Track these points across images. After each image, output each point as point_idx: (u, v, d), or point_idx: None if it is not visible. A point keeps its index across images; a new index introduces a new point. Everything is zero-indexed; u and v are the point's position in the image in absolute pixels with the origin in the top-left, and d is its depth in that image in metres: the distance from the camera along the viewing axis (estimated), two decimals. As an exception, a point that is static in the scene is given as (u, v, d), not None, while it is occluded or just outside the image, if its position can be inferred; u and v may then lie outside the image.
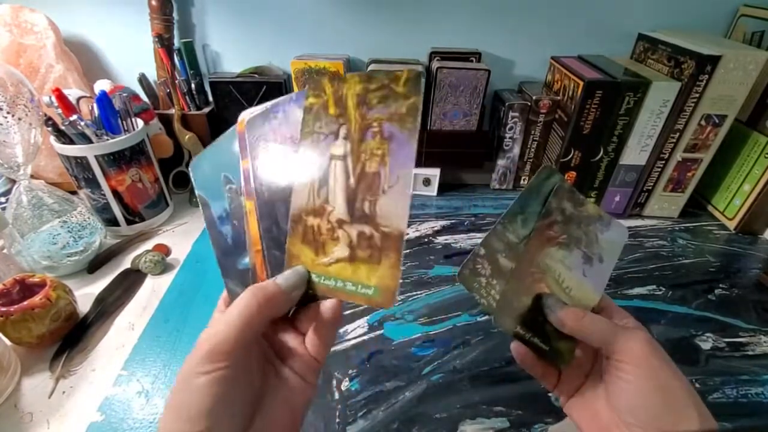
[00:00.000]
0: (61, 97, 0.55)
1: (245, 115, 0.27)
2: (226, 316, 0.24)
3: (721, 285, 0.56)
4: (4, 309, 0.41)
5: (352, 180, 0.25)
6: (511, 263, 0.31)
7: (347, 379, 0.43)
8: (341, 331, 0.48)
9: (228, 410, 0.24)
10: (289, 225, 0.26)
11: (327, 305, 0.26)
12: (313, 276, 0.26)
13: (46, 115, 0.54)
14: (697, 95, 0.58)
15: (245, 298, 0.24)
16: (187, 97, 0.72)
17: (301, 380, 0.26)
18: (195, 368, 0.23)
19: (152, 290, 0.54)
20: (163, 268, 0.56)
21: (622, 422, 0.26)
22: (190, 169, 0.29)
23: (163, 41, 0.68)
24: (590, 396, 0.30)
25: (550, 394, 0.40)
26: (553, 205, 0.31)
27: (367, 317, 0.50)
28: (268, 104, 0.27)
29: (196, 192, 0.29)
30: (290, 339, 0.27)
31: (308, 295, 0.26)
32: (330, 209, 0.25)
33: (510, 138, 0.73)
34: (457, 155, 0.74)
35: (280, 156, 0.26)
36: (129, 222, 0.63)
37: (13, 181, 0.54)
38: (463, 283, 0.31)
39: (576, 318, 0.29)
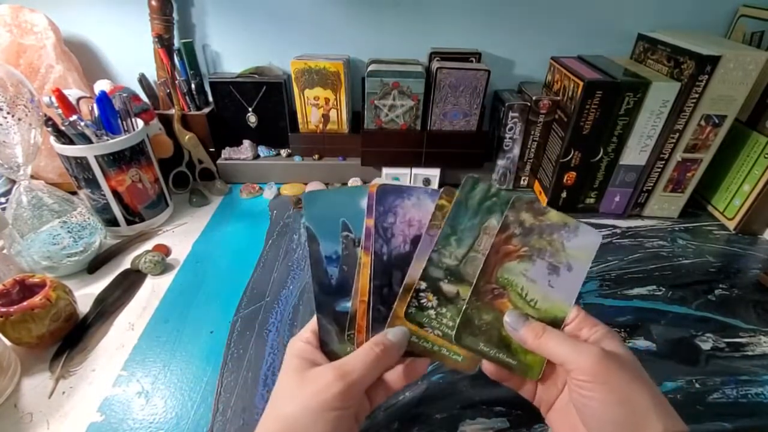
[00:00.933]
0: (61, 98, 0.55)
1: (378, 182, 0.32)
2: (356, 361, 0.28)
3: (721, 285, 0.56)
4: (4, 309, 0.41)
5: None
6: (456, 287, 0.31)
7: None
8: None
9: None
10: (401, 291, 0.31)
11: (422, 361, 0.31)
12: (413, 337, 0.31)
13: (46, 115, 0.54)
14: (697, 95, 0.58)
15: (370, 348, 0.28)
16: (187, 98, 0.72)
17: (355, 423, 0.29)
18: (330, 403, 0.26)
19: (152, 290, 0.54)
20: (163, 268, 0.56)
21: None
22: (304, 199, 0.32)
23: (163, 41, 0.68)
24: (566, 408, 0.30)
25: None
26: (510, 218, 0.31)
27: (367, 317, 0.50)
28: (403, 185, 0.33)
29: (306, 223, 0.32)
30: None
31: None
32: None
33: (510, 138, 0.73)
34: (457, 155, 0.74)
35: (407, 232, 0.32)
36: (129, 222, 0.63)
37: (13, 182, 0.54)
38: (411, 322, 0.31)
39: (535, 335, 0.29)
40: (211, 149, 0.75)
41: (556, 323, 0.31)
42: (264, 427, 0.27)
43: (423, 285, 0.31)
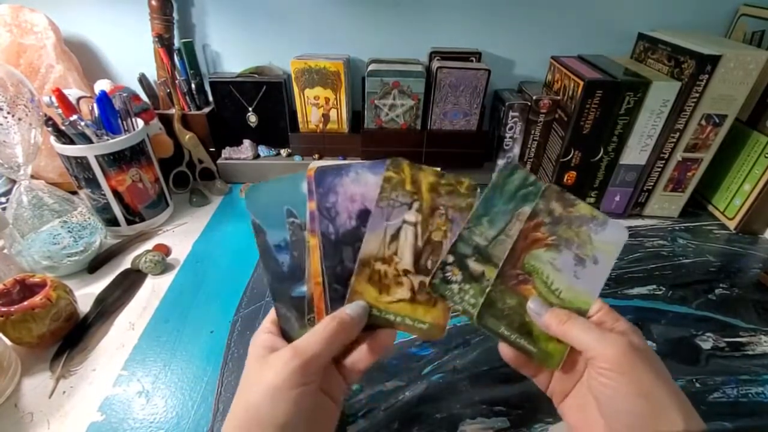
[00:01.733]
0: (61, 97, 0.55)
1: (315, 165, 0.32)
2: (311, 338, 0.28)
3: (721, 285, 0.56)
4: (4, 309, 0.42)
5: (419, 242, 0.32)
6: (483, 266, 0.32)
7: (347, 379, 0.43)
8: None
9: (300, 425, 0.26)
10: (356, 266, 0.31)
11: (388, 332, 0.31)
12: (374, 311, 0.31)
13: (46, 115, 0.54)
14: (698, 95, 0.58)
15: (326, 323, 0.28)
16: (187, 97, 0.72)
17: (329, 400, 0.29)
18: (289, 381, 0.26)
19: (152, 290, 0.54)
20: (163, 268, 0.56)
21: (609, 427, 0.26)
22: (245, 195, 0.32)
23: (163, 41, 0.68)
24: (582, 399, 0.29)
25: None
26: (540, 206, 0.31)
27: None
28: (339, 163, 0.33)
29: (252, 218, 0.32)
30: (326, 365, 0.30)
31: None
32: (398, 260, 0.32)
33: (510, 138, 0.73)
34: (457, 155, 0.74)
35: (351, 208, 0.32)
36: (129, 222, 0.63)
37: (14, 182, 0.54)
38: (435, 292, 0.31)
39: (559, 321, 0.29)
40: (211, 149, 0.75)
41: (580, 314, 0.31)
42: (231, 414, 0.27)
43: (450, 258, 0.31)
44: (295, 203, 0.32)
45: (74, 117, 0.55)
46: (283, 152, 0.78)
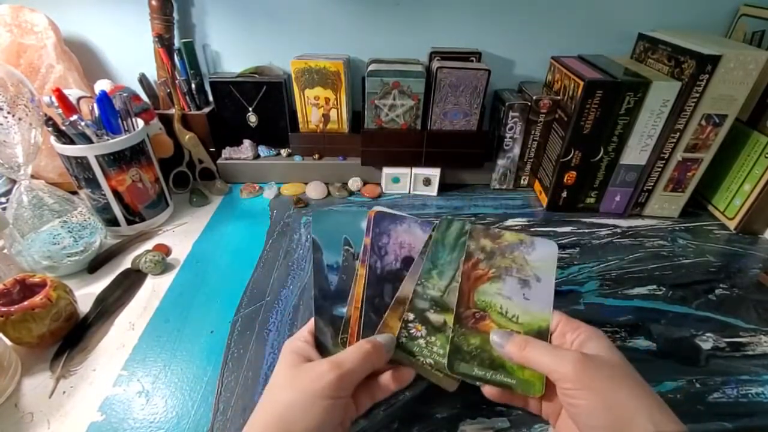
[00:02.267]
0: (62, 97, 0.55)
1: (377, 208, 0.38)
2: (349, 355, 0.29)
3: (721, 285, 0.56)
4: (4, 309, 0.42)
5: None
6: (443, 316, 0.34)
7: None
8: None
9: None
10: (392, 302, 0.35)
11: (407, 371, 0.33)
12: (399, 351, 0.33)
13: (46, 115, 0.54)
14: (698, 95, 0.58)
15: (363, 345, 0.31)
16: (187, 97, 0.72)
17: (341, 427, 0.30)
18: (324, 391, 0.27)
19: (152, 290, 0.54)
20: (164, 268, 0.56)
21: None
22: (312, 216, 0.37)
23: (163, 41, 0.68)
24: (566, 419, 0.30)
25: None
26: (471, 247, 0.34)
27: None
28: (397, 213, 0.38)
29: (312, 235, 0.37)
30: None
31: None
32: None
33: (510, 138, 0.73)
34: (457, 155, 0.74)
35: (399, 252, 0.37)
36: (129, 222, 0.63)
37: (14, 181, 0.54)
38: (403, 351, 0.33)
39: (519, 348, 0.30)
40: (211, 149, 0.75)
41: (542, 333, 0.32)
42: (260, 413, 0.28)
43: (411, 316, 0.34)
44: (353, 235, 0.37)
45: (74, 117, 0.55)
46: (283, 152, 0.78)
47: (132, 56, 0.74)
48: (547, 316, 0.32)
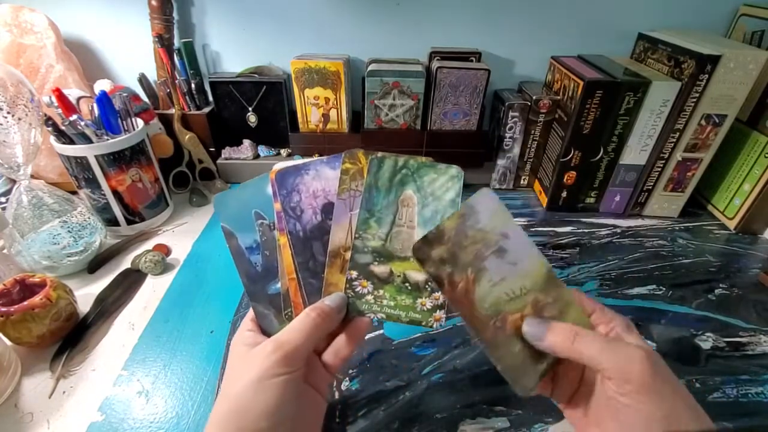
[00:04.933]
0: (61, 97, 0.55)
1: (276, 167, 0.33)
2: (292, 329, 0.28)
3: (721, 285, 0.56)
4: (4, 309, 0.41)
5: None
6: (387, 266, 0.31)
7: (347, 378, 0.43)
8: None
9: (286, 414, 0.26)
10: (327, 259, 0.32)
11: (363, 320, 0.31)
12: (350, 300, 0.32)
13: (46, 115, 0.54)
14: (697, 95, 0.58)
15: (307, 314, 0.29)
16: (187, 97, 0.72)
17: (316, 393, 0.30)
18: (269, 370, 0.26)
19: (152, 290, 0.54)
20: (163, 268, 0.56)
21: None
22: (213, 203, 0.33)
23: (163, 41, 0.68)
24: (586, 403, 0.28)
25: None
26: (431, 270, 0.27)
27: (367, 317, 0.50)
28: (297, 162, 0.34)
29: (222, 224, 0.33)
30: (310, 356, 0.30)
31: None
32: None
33: (510, 138, 0.73)
34: (457, 155, 0.74)
35: (315, 204, 0.33)
36: (129, 222, 0.63)
37: (13, 181, 0.54)
38: (353, 312, 0.31)
39: (567, 340, 0.26)
40: (211, 149, 0.75)
41: (551, 279, 0.29)
42: (214, 412, 0.27)
43: (354, 274, 0.32)
44: (263, 205, 0.33)
45: (74, 117, 0.55)
46: (283, 152, 0.78)
47: (132, 56, 0.74)
48: (540, 263, 0.29)
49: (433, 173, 0.33)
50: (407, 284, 0.32)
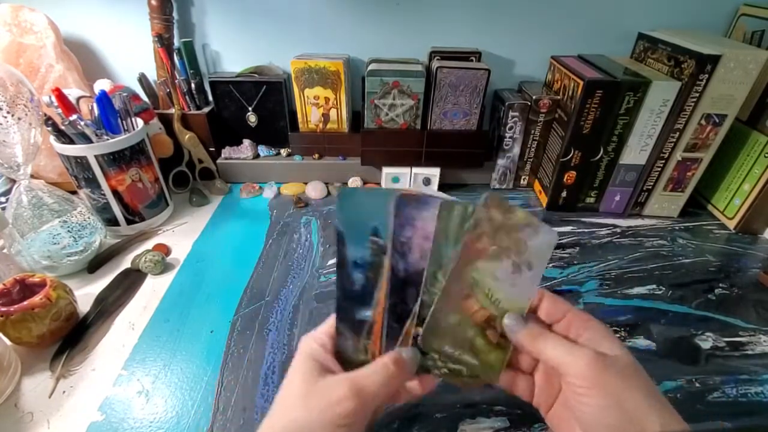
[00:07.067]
0: (61, 97, 0.55)
1: (405, 191, 0.29)
2: (371, 377, 0.28)
3: (721, 284, 0.56)
4: (4, 309, 0.42)
5: None
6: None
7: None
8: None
9: None
10: (414, 309, 0.30)
11: (431, 378, 0.31)
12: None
13: (46, 114, 0.54)
14: (697, 95, 0.58)
15: (386, 365, 0.28)
16: (187, 97, 0.72)
17: None
18: (341, 419, 0.25)
19: (152, 290, 0.54)
20: (163, 267, 0.56)
21: None
22: (338, 195, 0.29)
23: (163, 41, 0.68)
24: (562, 412, 0.29)
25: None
26: (481, 215, 0.28)
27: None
28: (426, 192, 0.30)
29: (338, 227, 0.29)
30: None
31: None
32: None
33: (510, 138, 0.73)
34: (457, 155, 0.74)
35: (426, 247, 0.29)
36: (129, 222, 0.63)
37: (13, 181, 0.54)
38: (422, 371, 0.31)
39: (532, 338, 0.29)
40: (211, 149, 0.75)
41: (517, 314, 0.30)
42: (271, 425, 0.27)
43: (420, 331, 0.30)
44: (383, 222, 0.29)
45: (74, 117, 0.55)
46: (283, 152, 0.78)
47: (132, 56, 0.74)
48: (524, 305, 0.30)
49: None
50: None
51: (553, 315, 0.31)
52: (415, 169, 0.75)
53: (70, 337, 0.46)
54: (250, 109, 0.75)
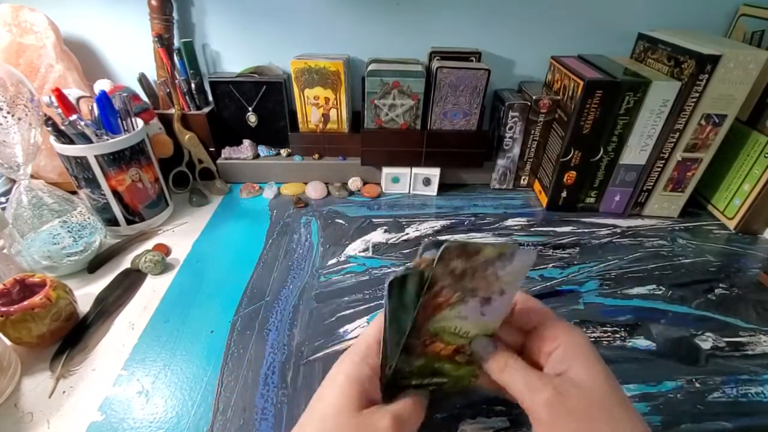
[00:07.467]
0: (61, 97, 0.55)
1: (451, 242, 0.27)
2: (410, 411, 0.29)
3: (721, 284, 0.56)
4: (4, 309, 0.41)
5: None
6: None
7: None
8: (341, 330, 0.48)
9: None
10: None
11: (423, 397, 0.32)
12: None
13: (46, 115, 0.54)
14: (697, 95, 0.58)
15: (421, 400, 0.31)
16: (187, 97, 0.72)
17: None
18: None
19: (152, 290, 0.54)
20: (163, 268, 0.56)
21: None
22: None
23: (163, 41, 0.68)
24: None
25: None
26: (438, 271, 0.26)
27: (367, 317, 0.50)
28: (468, 240, 0.31)
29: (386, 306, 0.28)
30: None
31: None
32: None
33: (510, 138, 0.73)
34: (457, 155, 0.74)
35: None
36: (129, 222, 0.63)
37: (13, 181, 0.54)
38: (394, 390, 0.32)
39: (499, 369, 0.29)
40: (211, 149, 0.75)
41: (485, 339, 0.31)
42: None
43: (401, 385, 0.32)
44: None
45: (74, 117, 0.55)
46: (283, 152, 0.78)
47: (132, 56, 0.74)
48: (497, 325, 0.30)
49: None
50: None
51: (527, 324, 0.31)
52: (415, 170, 0.75)
53: (70, 337, 0.46)
54: (250, 109, 0.75)
